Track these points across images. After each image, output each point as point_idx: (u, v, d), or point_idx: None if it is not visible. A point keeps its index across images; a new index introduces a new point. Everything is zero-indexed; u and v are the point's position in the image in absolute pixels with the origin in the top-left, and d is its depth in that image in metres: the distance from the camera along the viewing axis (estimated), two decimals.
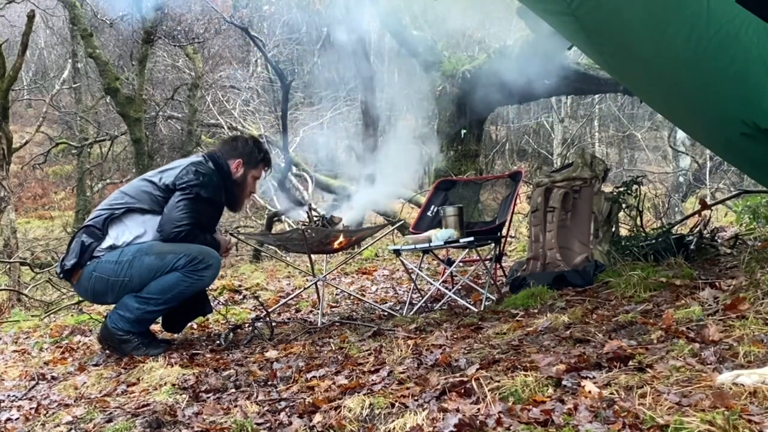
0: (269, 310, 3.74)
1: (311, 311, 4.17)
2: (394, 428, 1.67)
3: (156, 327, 3.90)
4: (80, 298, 5.27)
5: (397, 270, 5.51)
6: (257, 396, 2.19)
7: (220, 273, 5.43)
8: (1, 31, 13.83)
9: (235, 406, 2.07)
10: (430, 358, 2.31)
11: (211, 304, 3.60)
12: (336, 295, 4.65)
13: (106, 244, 3.07)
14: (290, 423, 1.85)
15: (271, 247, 7.21)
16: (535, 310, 3.03)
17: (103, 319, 3.27)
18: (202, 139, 12.16)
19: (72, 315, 4.71)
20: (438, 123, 8.35)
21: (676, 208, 10.69)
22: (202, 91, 12.36)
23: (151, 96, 12.77)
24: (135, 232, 3.09)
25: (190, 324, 3.93)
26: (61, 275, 3.14)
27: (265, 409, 2.03)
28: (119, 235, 3.08)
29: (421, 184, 9.05)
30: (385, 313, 3.76)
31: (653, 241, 3.81)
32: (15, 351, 3.61)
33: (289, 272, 6.06)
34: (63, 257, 3.16)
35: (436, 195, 4.50)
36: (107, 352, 3.19)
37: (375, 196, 4.43)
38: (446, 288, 4.06)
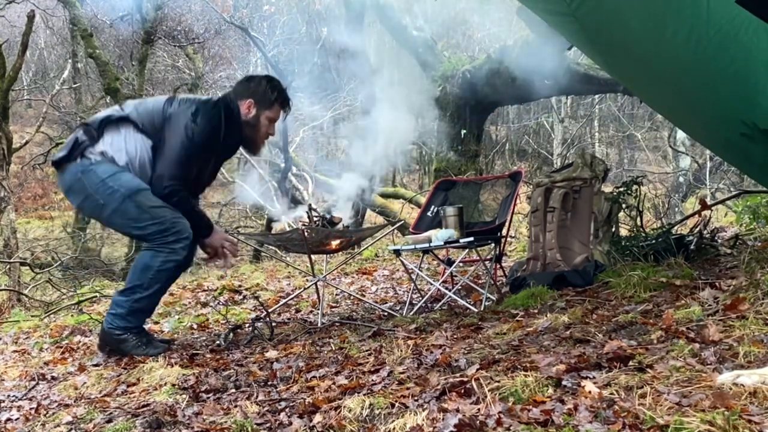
0: (269, 310, 3.74)
1: (311, 311, 4.17)
2: (394, 428, 1.67)
3: (156, 327, 3.90)
4: (80, 298, 5.30)
5: (397, 270, 5.51)
6: (257, 396, 2.19)
7: (220, 273, 5.43)
8: (1, 31, 13.82)
9: (235, 406, 2.07)
10: (430, 358, 2.30)
11: (193, 259, 3.49)
12: (336, 295, 4.65)
13: (99, 148, 2.98)
14: (290, 423, 1.85)
15: (271, 247, 7.20)
16: (535, 310, 3.03)
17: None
18: None
19: (72, 315, 4.71)
20: (438, 123, 8.35)
21: (676, 208, 10.69)
22: (202, 91, 12.37)
23: (151, 96, 12.76)
24: (129, 150, 2.99)
25: (190, 324, 3.94)
26: (53, 165, 3.10)
27: (265, 409, 2.02)
28: (113, 142, 2.99)
29: (421, 184, 9.06)
30: (385, 313, 3.76)
31: (653, 241, 3.80)
32: (15, 351, 3.61)
33: (289, 272, 6.05)
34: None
35: (436, 195, 4.50)
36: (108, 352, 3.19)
37: (368, 163, 4.38)
38: (446, 288, 4.06)
